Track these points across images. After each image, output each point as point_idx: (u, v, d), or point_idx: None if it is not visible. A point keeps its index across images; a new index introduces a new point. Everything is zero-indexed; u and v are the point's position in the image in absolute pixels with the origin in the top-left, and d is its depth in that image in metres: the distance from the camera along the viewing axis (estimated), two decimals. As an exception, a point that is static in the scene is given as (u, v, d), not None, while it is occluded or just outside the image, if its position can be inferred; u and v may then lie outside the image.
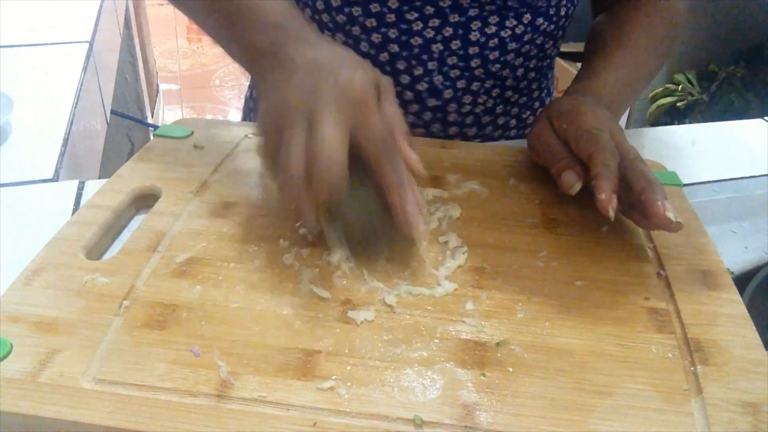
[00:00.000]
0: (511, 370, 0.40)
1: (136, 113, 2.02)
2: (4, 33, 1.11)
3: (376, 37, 0.67)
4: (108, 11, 1.46)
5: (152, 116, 2.46)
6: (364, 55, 0.69)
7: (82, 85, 0.98)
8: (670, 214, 0.45)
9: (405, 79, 0.70)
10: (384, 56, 0.69)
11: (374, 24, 0.67)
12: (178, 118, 0.69)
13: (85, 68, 1.03)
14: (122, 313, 0.43)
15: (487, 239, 0.51)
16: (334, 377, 0.39)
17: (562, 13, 0.71)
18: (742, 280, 0.50)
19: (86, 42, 1.11)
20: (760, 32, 1.94)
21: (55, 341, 0.40)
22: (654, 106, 1.94)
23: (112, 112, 1.41)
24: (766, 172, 0.71)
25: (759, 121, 0.83)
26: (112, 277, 0.46)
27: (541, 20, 0.69)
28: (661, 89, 1.94)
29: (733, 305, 0.45)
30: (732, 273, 0.50)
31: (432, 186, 0.57)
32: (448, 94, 0.71)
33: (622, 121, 2.00)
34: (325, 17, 0.69)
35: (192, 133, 0.64)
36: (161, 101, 2.91)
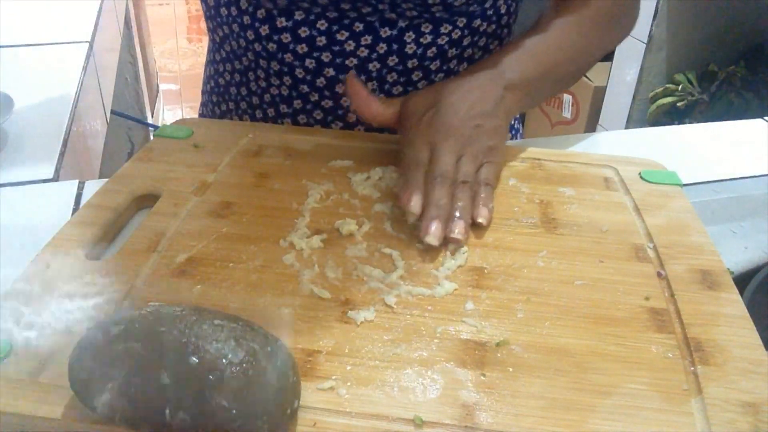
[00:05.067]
0: (511, 370, 0.40)
1: (136, 113, 2.02)
2: (4, 33, 1.11)
3: (310, 63, 0.65)
4: (108, 11, 1.46)
5: (152, 116, 2.46)
6: (300, 81, 0.67)
7: (82, 85, 0.98)
8: (430, 239, 0.49)
9: (346, 102, 0.68)
10: (321, 81, 0.67)
11: (306, 49, 0.65)
12: (178, 118, 0.69)
13: (85, 68, 1.03)
14: (122, 313, 0.43)
15: (487, 239, 0.51)
16: (334, 377, 0.39)
17: (502, 11, 0.68)
18: (742, 280, 0.50)
19: (86, 42, 1.11)
20: (760, 32, 1.94)
21: (55, 341, 0.40)
22: (654, 106, 1.94)
23: (112, 112, 1.41)
24: (766, 172, 0.71)
25: (759, 121, 0.83)
26: (112, 277, 0.46)
27: (478, 22, 0.66)
28: (661, 89, 1.93)
29: (733, 305, 0.45)
30: (732, 273, 0.50)
31: (432, 186, 0.57)
32: None
33: (621, 121, 2.00)
34: (257, 46, 0.67)
35: (192, 133, 0.64)
36: (161, 101, 2.91)
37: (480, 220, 0.51)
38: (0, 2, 1.22)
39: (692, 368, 0.40)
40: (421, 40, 0.65)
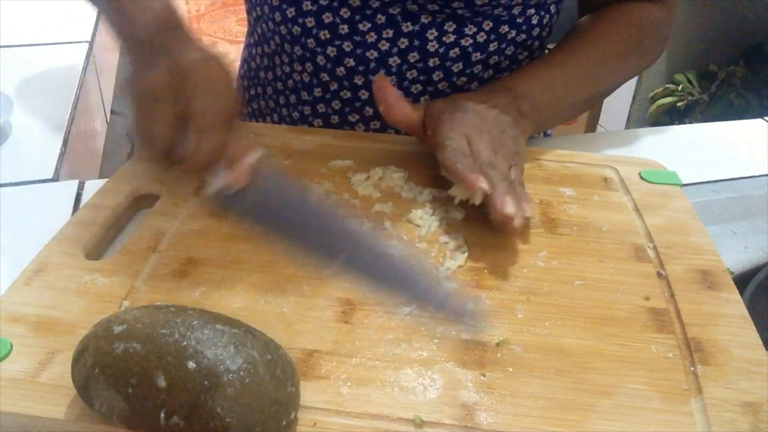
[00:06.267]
0: (511, 370, 0.40)
1: (136, 113, 2.02)
2: (4, 33, 1.11)
3: (331, 50, 0.66)
4: (108, 11, 1.45)
5: (152, 116, 2.45)
6: (321, 68, 0.67)
7: (82, 85, 0.98)
8: (509, 208, 0.48)
9: (364, 94, 0.68)
10: (340, 71, 0.67)
11: (328, 36, 0.65)
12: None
13: (85, 68, 1.03)
14: (122, 313, 0.43)
15: (487, 239, 0.51)
16: (333, 377, 0.39)
17: (534, 21, 0.67)
18: (742, 280, 0.50)
19: (86, 42, 1.11)
20: (760, 32, 1.94)
21: (55, 341, 0.40)
22: (654, 106, 1.94)
23: (112, 112, 1.41)
24: (766, 172, 0.71)
25: (759, 121, 0.83)
26: (112, 277, 0.46)
27: (506, 28, 0.66)
28: (661, 89, 1.93)
29: (733, 305, 0.45)
30: (732, 273, 0.50)
31: (432, 186, 0.57)
32: None
33: (621, 121, 2.00)
34: (283, 29, 0.67)
35: (192, 133, 0.64)
36: (161, 101, 2.91)
37: (527, 214, 0.51)
38: (0, 2, 1.22)
39: (692, 368, 0.40)
40: (444, 38, 0.65)
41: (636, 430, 0.36)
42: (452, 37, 0.65)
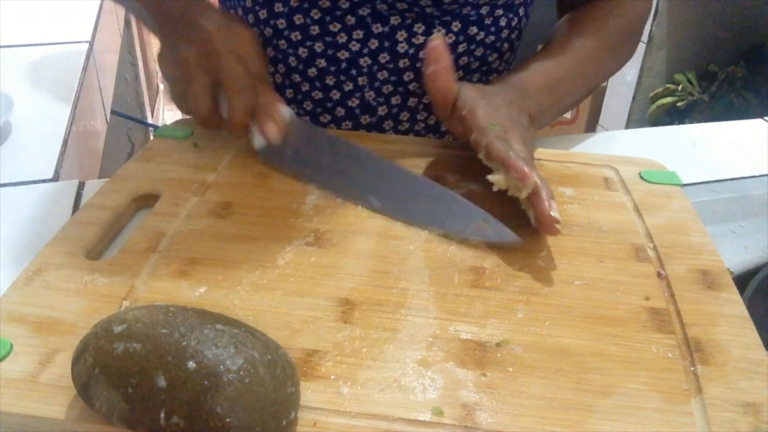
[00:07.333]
0: (511, 370, 0.40)
1: (136, 113, 2.02)
2: (4, 33, 1.11)
3: (302, 51, 0.66)
4: (108, 11, 1.46)
5: (152, 116, 2.46)
6: (293, 69, 0.68)
7: (82, 85, 0.98)
8: (555, 213, 0.48)
9: (335, 95, 0.68)
10: (312, 71, 0.67)
11: (299, 37, 0.65)
12: (178, 118, 0.69)
13: (85, 68, 1.03)
14: (122, 313, 0.43)
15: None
16: (333, 377, 0.39)
17: (502, 23, 0.67)
18: (742, 280, 0.50)
19: (86, 42, 1.11)
20: (760, 32, 1.94)
21: (55, 341, 0.40)
22: (654, 106, 1.94)
23: (112, 112, 1.41)
24: (766, 172, 0.71)
25: (759, 121, 0.83)
26: (112, 277, 0.46)
27: (475, 29, 0.66)
28: (661, 89, 1.93)
29: (733, 305, 0.45)
30: (732, 273, 0.50)
31: (432, 186, 0.57)
32: (382, 111, 0.69)
33: (621, 121, 2.00)
34: (255, 31, 0.67)
35: (192, 133, 0.64)
36: (161, 101, 2.91)
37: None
38: (0, 2, 1.22)
39: (692, 368, 0.40)
40: (414, 40, 0.65)
41: (636, 430, 0.36)
42: (422, 39, 0.65)
